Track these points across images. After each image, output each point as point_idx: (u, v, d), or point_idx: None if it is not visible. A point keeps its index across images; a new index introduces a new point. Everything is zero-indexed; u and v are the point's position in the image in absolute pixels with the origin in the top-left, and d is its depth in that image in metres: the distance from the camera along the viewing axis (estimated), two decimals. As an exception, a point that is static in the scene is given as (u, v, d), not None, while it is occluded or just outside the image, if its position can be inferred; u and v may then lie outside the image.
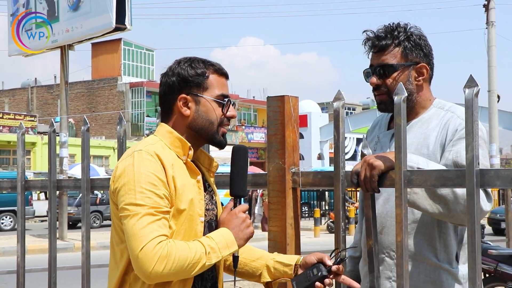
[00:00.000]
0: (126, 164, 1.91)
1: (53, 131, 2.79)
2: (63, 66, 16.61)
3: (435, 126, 2.24)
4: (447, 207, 1.97)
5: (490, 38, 20.31)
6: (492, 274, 6.23)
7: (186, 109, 2.02)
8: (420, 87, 2.31)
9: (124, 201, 1.85)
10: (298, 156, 2.23)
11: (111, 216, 1.99)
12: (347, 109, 56.74)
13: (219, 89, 2.05)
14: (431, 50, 2.34)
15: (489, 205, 2.01)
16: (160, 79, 2.08)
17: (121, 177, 1.89)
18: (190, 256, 1.82)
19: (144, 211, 1.82)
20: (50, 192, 2.83)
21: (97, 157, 35.28)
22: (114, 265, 1.98)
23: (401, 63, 2.28)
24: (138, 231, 1.80)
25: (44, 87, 45.60)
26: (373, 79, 2.31)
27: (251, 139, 43.70)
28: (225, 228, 1.95)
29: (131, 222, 1.82)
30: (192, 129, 2.03)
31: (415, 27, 2.34)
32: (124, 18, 16.10)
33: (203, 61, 2.06)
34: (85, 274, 2.62)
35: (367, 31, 2.35)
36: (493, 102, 20.16)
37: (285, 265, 2.09)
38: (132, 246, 1.80)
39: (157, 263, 1.77)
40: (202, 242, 1.87)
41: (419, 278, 2.20)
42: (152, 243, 1.79)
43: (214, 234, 1.92)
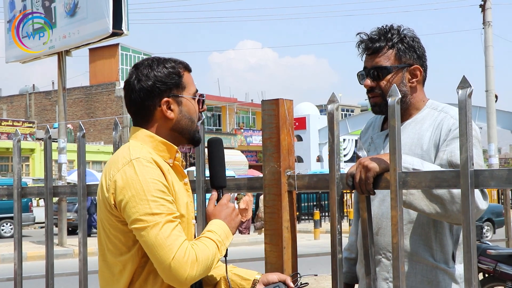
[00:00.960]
0: (127, 174, 1.85)
1: (49, 137, 2.79)
2: (60, 72, 16.60)
3: (428, 126, 2.26)
4: (444, 207, 1.98)
5: (487, 38, 20.34)
6: (491, 274, 6.23)
7: (170, 112, 1.99)
8: (414, 89, 2.32)
9: (137, 212, 1.81)
10: (294, 159, 2.24)
11: (104, 227, 1.93)
12: (346, 111, 56.76)
13: (193, 86, 2.05)
14: (424, 52, 2.35)
15: (485, 203, 2.02)
16: (130, 86, 2.00)
17: (126, 189, 1.83)
18: (211, 254, 1.85)
19: (163, 219, 1.81)
20: (47, 199, 2.82)
21: (96, 163, 35.23)
22: (110, 278, 1.95)
23: (395, 65, 2.29)
24: (164, 241, 1.79)
25: (42, 93, 45.57)
26: (367, 81, 2.32)
27: (250, 142, 43.70)
28: (219, 220, 1.96)
29: (153, 232, 1.79)
30: (175, 131, 2.01)
31: (408, 29, 2.36)
32: (121, 23, 16.10)
33: (172, 60, 2.04)
34: (83, 280, 2.62)
35: (361, 33, 2.36)
36: (491, 102, 20.18)
37: (243, 278, 2.12)
38: (161, 256, 1.78)
39: (190, 268, 1.79)
40: (211, 237, 1.90)
41: (416, 279, 2.20)
42: (181, 250, 1.79)
43: (214, 227, 1.93)
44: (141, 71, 1.99)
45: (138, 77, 1.99)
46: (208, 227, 1.95)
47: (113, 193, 1.86)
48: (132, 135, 2.02)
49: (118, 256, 1.91)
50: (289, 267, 2.18)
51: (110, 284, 1.95)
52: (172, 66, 2.01)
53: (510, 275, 6.09)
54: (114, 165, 1.91)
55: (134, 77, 2.00)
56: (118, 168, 1.89)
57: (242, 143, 43.43)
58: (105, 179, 1.91)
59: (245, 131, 44.49)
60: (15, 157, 2.90)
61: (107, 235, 1.93)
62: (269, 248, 2.21)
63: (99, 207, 1.95)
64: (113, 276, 1.93)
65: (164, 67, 1.99)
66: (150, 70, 1.98)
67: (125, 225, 1.87)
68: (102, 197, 1.92)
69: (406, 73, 2.31)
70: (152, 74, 1.98)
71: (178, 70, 2.01)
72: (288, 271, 2.17)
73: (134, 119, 2.04)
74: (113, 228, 1.90)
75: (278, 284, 2.02)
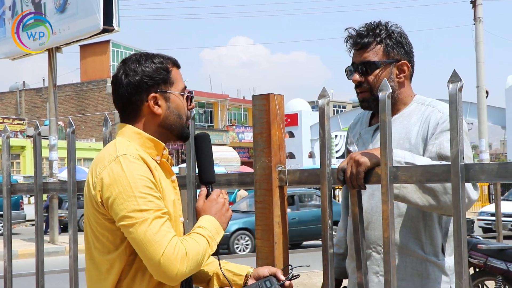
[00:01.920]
0: (114, 171, 1.83)
1: (39, 133, 2.77)
2: (51, 68, 16.54)
3: (416, 121, 2.28)
4: (437, 199, 1.99)
5: (477, 34, 20.42)
6: (482, 268, 6.26)
7: (157, 107, 1.97)
8: (402, 84, 2.35)
9: (125, 209, 1.78)
10: (285, 154, 2.23)
11: (91, 226, 1.91)
12: (338, 107, 56.83)
13: (181, 82, 2.04)
14: (411, 48, 2.38)
15: (476, 193, 2.05)
16: (117, 80, 1.98)
17: (113, 186, 1.81)
18: (201, 249, 1.84)
19: (151, 215, 1.79)
20: (36, 195, 2.81)
21: (87, 160, 35.09)
22: (97, 277, 1.93)
23: (383, 60, 2.32)
24: (153, 237, 1.77)
25: (32, 90, 45.35)
26: (355, 76, 2.34)
27: (242, 139, 43.68)
28: (209, 216, 1.96)
29: (141, 229, 1.77)
30: (163, 127, 2.00)
31: (396, 25, 2.39)
32: (112, 19, 16.05)
33: (161, 55, 2.02)
34: (73, 277, 2.61)
35: (349, 28, 2.38)
36: (482, 98, 20.28)
37: (235, 274, 2.11)
38: (150, 252, 1.76)
39: (180, 264, 1.77)
40: (201, 233, 1.88)
41: (406, 271, 2.22)
42: (171, 246, 1.77)
43: (204, 223, 1.92)
44: (128, 66, 1.97)
45: (125, 72, 1.97)
46: (198, 223, 1.93)
47: (100, 191, 1.84)
48: (119, 132, 1.99)
49: (106, 254, 1.89)
50: (280, 263, 2.17)
51: (97, 283, 1.93)
52: (160, 62, 1.99)
53: (500, 270, 6.11)
54: (101, 162, 1.89)
55: (121, 72, 1.98)
56: (104, 165, 1.86)
57: (234, 139, 43.39)
58: (92, 176, 1.89)
59: (237, 128, 44.45)
60: (4, 153, 2.88)
61: (94, 234, 1.91)
62: (261, 244, 2.21)
63: (86, 205, 1.93)
64: (101, 274, 1.91)
65: (152, 62, 1.98)
66: (138, 65, 1.97)
67: (112, 223, 1.85)
68: (89, 194, 1.89)
69: (394, 69, 2.33)
70: (140, 69, 1.96)
71: (166, 66, 2.00)
72: (280, 266, 2.17)
73: (122, 114, 2.02)
74: (100, 226, 1.88)
75: (268, 278, 2.01)
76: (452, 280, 2.21)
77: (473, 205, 2.11)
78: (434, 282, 2.22)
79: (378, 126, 2.36)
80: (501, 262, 6.12)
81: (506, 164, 1.63)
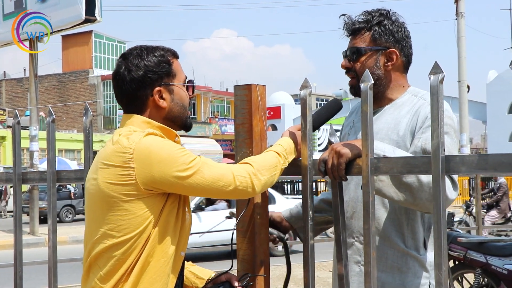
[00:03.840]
0: (144, 146, 1.83)
1: (18, 122, 2.73)
2: (32, 58, 16.37)
3: (406, 112, 2.26)
4: (413, 195, 1.98)
5: (459, 29, 20.53)
6: (462, 261, 6.31)
7: (162, 101, 1.98)
8: (389, 73, 2.31)
9: (174, 169, 1.82)
10: (266, 145, 2.22)
11: (110, 207, 1.87)
12: (321, 101, 56.92)
13: (182, 73, 2.06)
14: (406, 37, 2.33)
15: (455, 193, 2.03)
16: (120, 77, 1.98)
17: (149, 158, 1.82)
18: (269, 159, 1.99)
19: (201, 160, 1.87)
20: (15, 185, 2.77)
21: (69, 151, 34.88)
22: (116, 260, 1.88)
23: (369, 47, 2.29)
24: (216, 172, 1.86)
25: (13, 80, 44.90)
26: (344, 61, 2.35)
27: (225, 131, 43.63)
28: (287, 137, 2.11)
29: (201, 174, 1.84)
30: (168, 119, 2.01)
31: (395, 14, 2.35)
32: (94, 9, 15.92)
33: (161, 48, 2.03)
34: (52, 267, 2.58)
35: (344, 15, 2.37)
36: (463, 93, 20.40)
37: (197, 277, 2.18)
38: (222, 184, 1.86)
39: (253, 178, 1.91)
40: (272, 149, 2.05)
41: (386, 263, 2.21)
42: (235, 169, 1.91)
43: (280, 141, 2.09)
44: (130, 61, 1.97)
45: (128, 67, 1.97)
46: (277, 142, 2.09)
47: (136, 167, 1.83)
48: (127, 122, 1.98)
49: (129, 233, 1.87)
50: (260, 254, 2.17)
51: (115, 265, 1.89)
52: (161, 55, 2.00)
53: (479, 262, 6.17)
54: (123, 146, 1.86)
55: (123, 68, 1.97)
56: (133, 142, 1.85)
57: (217, 132, 43.32)
58: (116, 160, 1.86)
59: (219, 120, 44.38)
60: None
61: (115, 214, 1.88)
62: (242, 235, 2.20)
63: (101, 196, 1.89)
64: (119, 257, 1.88)
65: (153, 56, 1.98)
66: (140, 60, 1.96)
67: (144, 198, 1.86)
68: (112, 178, 1.86)
69: (382, 56, 2.30)
70: (143, 64, 1.96)
71: (167, 58, 2.01)
72: (260, 257, 2.16)
73: (126, 110, 2.02)
74: (122, 202, 1.86)
75: (223, 284, 2.10)
76: (432, 276, 2.20)
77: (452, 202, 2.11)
78: (413, 276, 2.21)
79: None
80: (480, 255, 6.18)
81: (486, 156, 1.64)
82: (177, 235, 1.93)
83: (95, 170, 1.94)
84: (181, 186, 1.85)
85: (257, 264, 2.16)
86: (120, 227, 1.87)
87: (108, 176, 1.87)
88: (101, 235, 1.90)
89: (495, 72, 35.60)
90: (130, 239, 1.87)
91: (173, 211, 1.93)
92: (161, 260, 1.89)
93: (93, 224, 1.94)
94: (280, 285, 8.87)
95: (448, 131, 2.13)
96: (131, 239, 1.87)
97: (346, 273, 2.02)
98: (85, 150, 2.52)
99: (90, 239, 1.95)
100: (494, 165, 1.62)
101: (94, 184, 1.92)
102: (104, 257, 1.90)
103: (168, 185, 1.85)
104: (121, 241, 1.87)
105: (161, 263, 1.89)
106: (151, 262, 1.88)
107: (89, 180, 1.98)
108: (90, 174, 1.98)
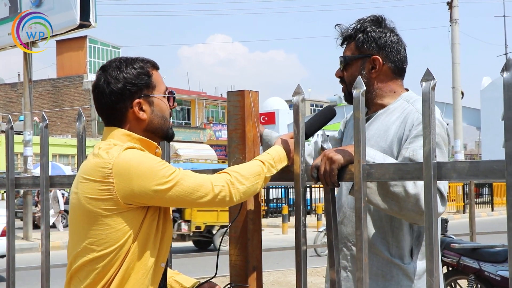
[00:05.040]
0: (124, 160, 1.83)
1: (11, 127, 2.73)
2: (26, 63, 16.33)
3: (396, 119, 2.25)
4: (399, 205, 1.98)
5: (453, 35, 20.63)
6: (455, 267, 6.33)
7: (142, 113, 1.98)
8: (375, 80, 2.32)
9: (154, 182, 1.83)
10: (259, 151, 2.23)
11: (90, 221, 1.87)
12: (315, 106, 56.98)
13: (163, 84, 2.05)
14: (391, 43, 2.31)
15: (443, 208, 2.03)
16: (99, 89, 1.98)
17: (129, 173, 1.82)
18: (250, 168, 1.99)
19: (180, 172, 1.88)
20: (8, 190, 2.76)
21: (63, 156, 34.78)
22: (96, 273, 1.89)
23: (353, 56, 2.32)
24: (195, 181, 1.88)
25: (7, 85, 44.79)
26: (337, 71, 2.39)
27: (219, 137, 43.63)
28: (278, 146, 2.12)
29: (180, 185, 1.85)
30: (149, 131, 2.01)
31: (384, 20, 2.35)
32: (89, 14, 15.92)
33: (140, 59, 2.02)
34: (45, 272, 2.57)
35: (338, 25, 2.40)
36: (457, 99, 20.49)
37: (181, 286, 2.19)
38: (201, 194, 1.87)
39: (231, 186, 1.92)
40: (258, 158, 2.05)
41: (371, 270, 2.19)
42: (213, 176, 1.93)
43: (269, 150, 2.10)
44: (109, 74, 1.97)
45: (107, 80, 1.96)
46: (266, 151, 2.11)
47: (116, 182, 1.83)
48: (109, 135, 1.98)
49: (110, 246, 1.88)
50: (253, 259, 2.17)
51: (99, 274, 1.90)
52: (140, 66, 1.99)
53: (473, 269, 6.19)
54: (102, 160, 1.87)
55: (103, 80, 1.97)
56: (112, 156, 1.85)
57: (211, 137, 43.31)
58: (96, 175, 1.86)
59: (214, 126, 44.39)
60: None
61: (99, 226, 1.88)
62: (234, 240, 2.20)
63: (84, 209, 1.90)
64: (102, 267, 1.89)
65: (132, 68, 1.98)
66: (119, 72, 1.96)
67: (123, 212, 1.87)
68: (92, 192, 1.87)
69: (367, 63, 2.31)
70: (122, 76, 1.96)
71: (147, 70, 2.00)
72: (253, 263, 2.16)
73: (106, 122, 2.02)
74: (105, 215, 1.87)
75: None
76: (417, 286, 2.18)
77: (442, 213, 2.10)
78: (396, 285, 2.18)
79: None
80: (473, 261, 6.19)
81: (478, 163, 1.65)
82: (157, 247, 1.94)
83: (76, 184, 1.95)
84: (161, 199, 1.87)
85: (250, 270, 2.16)
86: (101, 241, 1.88)
87: (88, 191, 1.88)
88: (82, 249, 1.91)
89: (489, 79, 35.75)
90: (110, 253, 1.87)
91: (153, 223, 1.94)
92: (140, 272, 1.90)
93: (75, 237, 1.95)
94: (274, 291, 8.87)
95: (438, 141, 2.12)
96: (111, 253, 1.87)
97: (338, 279, 2.02)
98: (78, 156, 2.52)
99: (72, 251, 1.96)
100: (485, 172, 1.63)
101: (75, 198, 1.93)
102: (85, 270, 1.91)
103: (148, 199, 1.86)
104: (101, 255, 1.88)
105: (139, 275, 1.90)
106: (131, 275, 1.89)
107: (72, 193, 1.99)
108: (73, 187, 1.99)
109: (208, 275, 2.29)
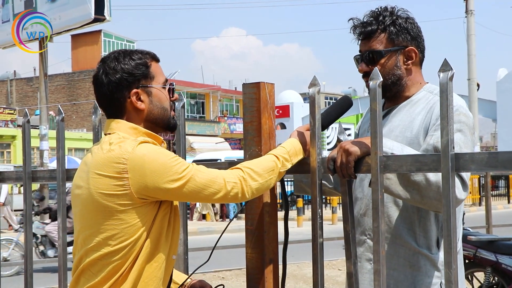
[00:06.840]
0: (138, 155, 1.84)
1: (28, 121, 2.74)
2: (41, 58, 16.41)
3: (421, 109, 2.25)
4: (420, 194, 1.97)
5: (469, 27, 20.45)
6: (472, 259, 6.29)
7: (140, 103, 1.99)
8: (410, 71, 2.31)
9: (167, 178, 1.84)
10: (275, 143, 2.22)
11: (105, 217, 1.89)
12: (329, 99, 56.79)
13: (162, 76, 2.06)
14: (419, 32, 2.32)
15: (465, 193, 2.01)
16: (98, 80, 2.00)
17: (143, 168, 1.83)
18: (263, 162, 1.99)
19: (194, 167, 1.90)
20: (25, 183, 2.78)
21: (78, 150, 34.98)
22: (111, 267, 1.90)
23: (388, 49, 2.28)
24: (207, 177, 1.89)
25: (23, 79, 45.06)
26: (362, 66, 2.33)
27: (234, 130, 43.65)
28: (294, 138, 2.11)
29: (193, 181, 1.87)
30: (149, 121, 2.02)
31: (402, 10, 2.33)
32: (103, 9, 15.94)
33: (139, 51, 2.04)
34: (62, 265, 2.59)
35: (353, 19, 2.35)
36: (473, 91, 20.34)
37: (173, 282, 2.19)
38: (213, 190, 1.89)
39: (243, 182, 1.92)
40: (272, 152, 2.05)
41: (398, 261, 2.20)
42: (226, 172, 1.93)
43: (284, 143, 2.09)
44: (108, 65, 2.00)
45: (105, 70, 2.00)
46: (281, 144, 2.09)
47: (130, 177, 1.84)
48: (114, 127, 1.99)
49: (124, 240, 1.89)
50: (269, 252, 2.17)
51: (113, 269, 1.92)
52: (139, 57, 2.02)
53: (490, 261, 6.14)
54: (115, 155, 1.87)
55: (101, 71, 2.01)
56: (126, 151, 1.86)
57: (226, 130, 43.34)
58: (110, 170, 1.87)
59: (228, 119, 44.40)
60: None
61: (110, 222, 1.89)
62: (251, 233, 2.20)
63: (94, 208, 1.90)
64: (114, 260, 1.91)
65: (130, 59, 2.00)
66: (117, 63, 1.99)
67: (135, 208, 1.88)
68: (105, 188, 1.87)
69: (401, 56, 2.29)
70: (119, 67, 1.99)
71: (145, 61, 2.02)
72: (269, 255, 2.16)
73: (106, 112, 2.04)
74: (117, 211, 1.88)
75: None
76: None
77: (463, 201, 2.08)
78: (425, 275, 2.19)
79: (386, 112, 2.35)
80: (490, 254, 6.15)
81: (496, 154, 1.63)
82: (169, 240, 1.97)
83: (86, 179, 1.94)
84: (174, 194, 1.89)
85: (266, 263, 2.16)
86: (116, 236, 1.89)
87: (102, 187, 1.88)
88: (96, 244, 1.92)
89: (505, 70, 35.37)
90: (125, 247, 1.89)
91: (166, 217, 1.96)
92: (153, 265, 1.93)
93: (87, 232, 1.95)
94: (288, 284, 8.87)
95: (462, 128, 2.11)
96: (126, 247, 1.89)
97: (355, 271, 2.01)
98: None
99: (83, 246, 1.96)
100: (504, 163, 1.61)
101: (86, 193, 1.93)
102: (99, 264, 1.92)
103: (161, 194, 1.89)
104: (116, 249, 1.90)
105: (153, 267, 1.93)
106: (145, 268, 1.92)
107: (77, 187, 1.98)
108: (78, 180, 1.99)
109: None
